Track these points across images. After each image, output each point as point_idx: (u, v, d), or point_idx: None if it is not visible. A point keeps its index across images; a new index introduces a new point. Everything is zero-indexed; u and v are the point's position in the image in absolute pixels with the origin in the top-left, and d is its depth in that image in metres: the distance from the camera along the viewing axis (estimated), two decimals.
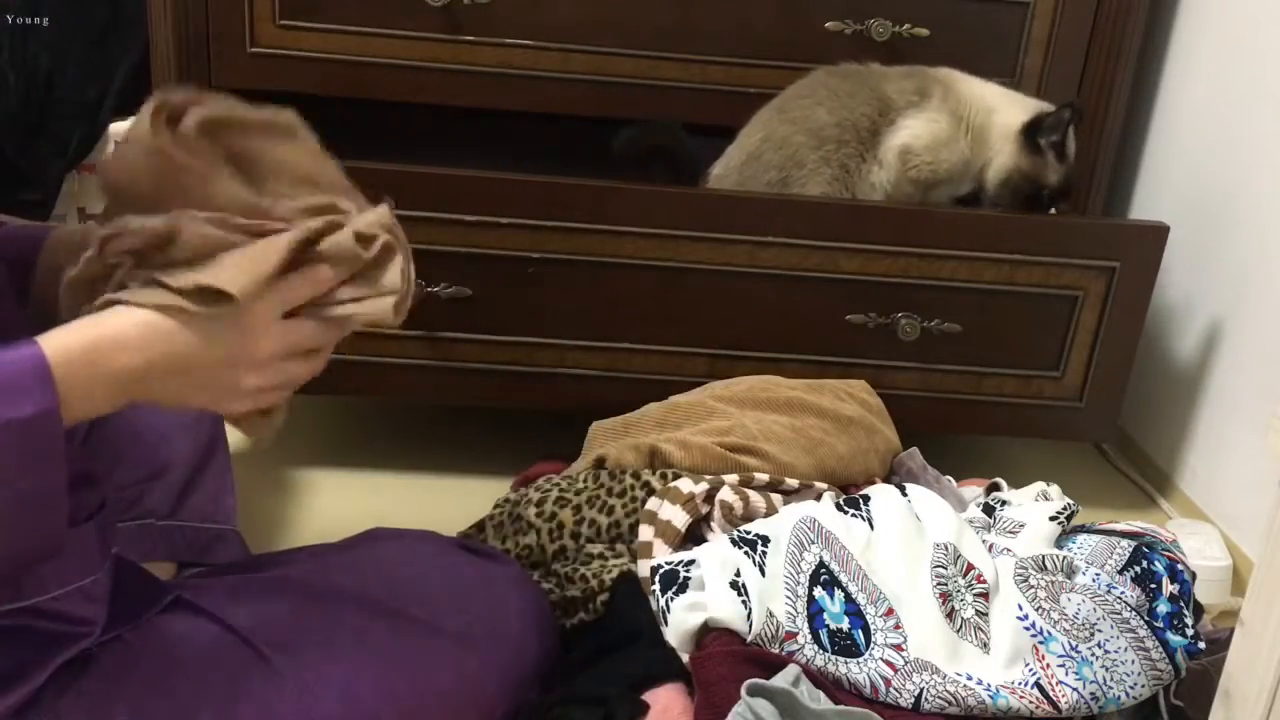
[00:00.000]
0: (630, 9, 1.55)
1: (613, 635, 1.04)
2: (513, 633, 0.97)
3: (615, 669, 0.99)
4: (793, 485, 1.20)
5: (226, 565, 1.12)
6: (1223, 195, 1.58)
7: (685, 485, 1.13)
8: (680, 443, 1.22)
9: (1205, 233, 1.60)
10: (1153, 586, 1.06)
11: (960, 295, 1.47)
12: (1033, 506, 1.18)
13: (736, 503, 1.13)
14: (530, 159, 1.53)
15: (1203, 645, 1.03)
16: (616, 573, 1.08)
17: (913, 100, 1.48)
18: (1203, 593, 1.22)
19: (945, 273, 1.46)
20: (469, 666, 0.92)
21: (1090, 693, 0.99)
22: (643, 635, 1.01)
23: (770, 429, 1.27)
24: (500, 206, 1.38)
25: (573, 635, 1.08)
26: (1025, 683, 0.99)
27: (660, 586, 1.02)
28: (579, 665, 1.03)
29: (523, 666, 0.97)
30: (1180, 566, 1.09)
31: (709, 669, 0.95)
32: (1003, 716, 0.98)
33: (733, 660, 0.95)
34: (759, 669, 0.94)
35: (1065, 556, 1.09)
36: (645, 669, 0.98)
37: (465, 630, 0.93)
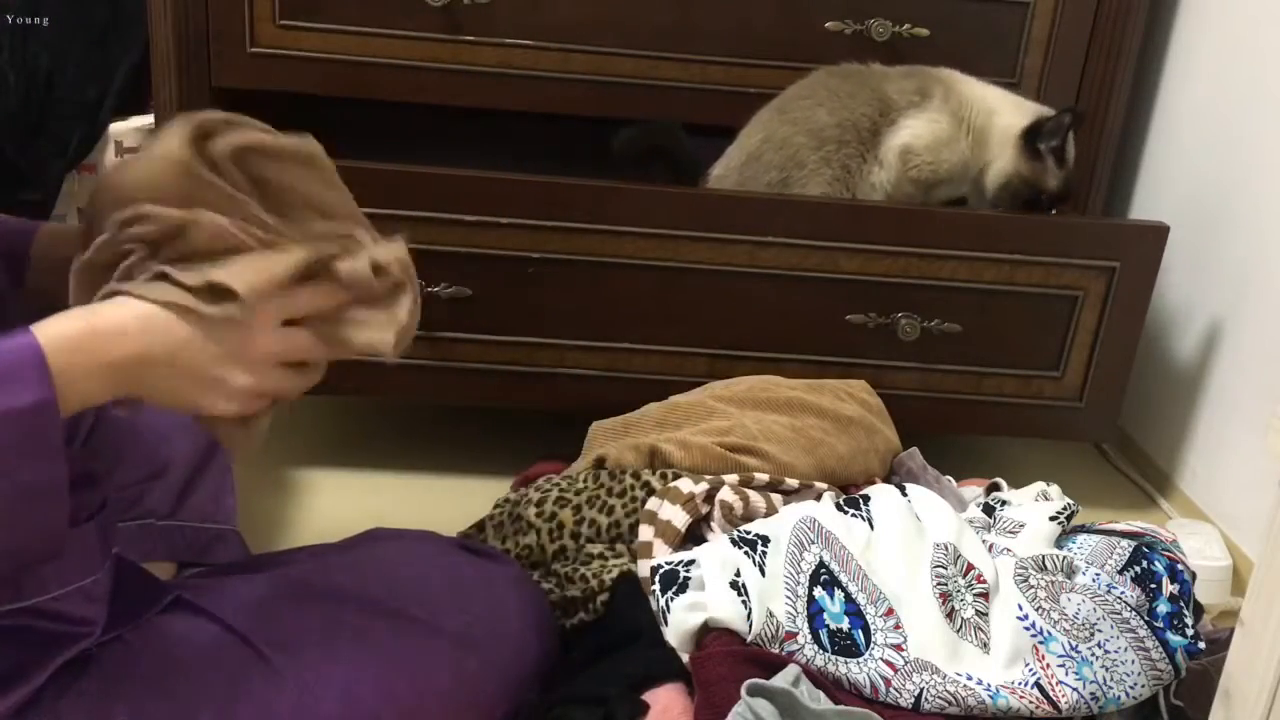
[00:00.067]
0: (630, 9, 1.55)
1: (613, 635, 1.04)
2: (513, 633, 0.97)
3: (615, 669, 0.99)
4: (793, 485, 1.20)
5: (227, 565, 1.12)
6: (1223, 195, 1.58)
7: (685, 485, 1.13)
8: (680, 443, 1.22)
9: (1205, 233, 1.60)
10: (1153, 586, 1.06)
11: (960, 295, 1.47)
12: (1033, 506, 1.18)
13: (736, 503, 1.13)
14: (530, 159, 1.53)
15: (1203, 645, 1.03)
16: (616, 573, 1.08)
17: (914, 100, 1.48)
18: (1203, 593, 1.21)
19: (945, 273, 1.46)
20: (469, 666, 0.92)
21: (1090, 693, 0.99)
22: (643, 635, 1.01)
23: (770, 429, 1.27)
24: (500, 206, 1.38)
25: (573, 635, 1.07)
26: (1025, 683, 0.99)
27: (660, 586, 1.02)
28: (579, 665, 1.03)
29: (523, 666, 0.97)
30: (1180, 566, 1.09)
31: (709, 669, 0.95)
32: (1003, 716, 0.98)
33: (733, 660, 0.95)
34: (759, 669, 0.94)
35: (1065, 556, 1.09)
36: (645, 669, 0.98)
37: (465, 630, 0.93)
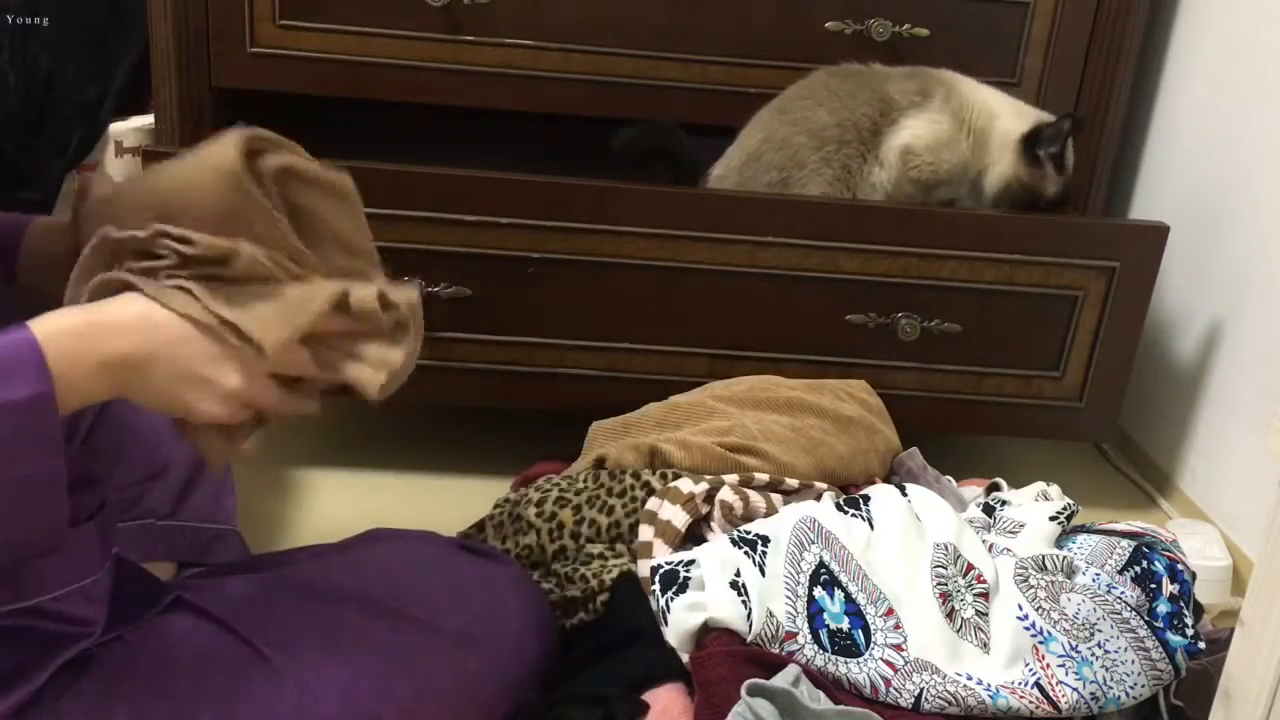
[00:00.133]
0: (630, 9, 1.55)
1: (613, 635, 1.04)
2: (513, 633, 0.97)
3: (615, 669, 0.99)
4: (793, 485, 1.20)
5: (227, 565, 1.12)
6: (1223, 195, 1.58)
7: (685, 485, 1.13)
8: (680, 443, 1.22)
9: (1205, 233, 1.60)
10: (1153, 586, 1.06)
11: (960, 295, 1.47)
12: (1033, 506, 1.18)
13: (736, 503, 1.13)
14: (530, 159, 1.53)
15: (1203, 645, 1.03)
16: (616, 573, 1.08)
17: (915, 100, 1.48)
18: (1203, 593, 1.21)
19: (945, 273, 1.46)
20: (469, 666, 0.92)
21: (1090, 693, 0.99)
22: (643, 635, 1.01)
23: (770, 429, 1.27)
24: (500, 206, 1.38)
25: (573, 635, 1.08)
26: (1025, 683, 0.99)
27: (660, 586, 1.02)
28: (579, 665, 1.03)
29: (523, 666, 0.97)
30: (1180, 566, 1.09)
31: (709, 669, 0.95)
32: (1003, 716, 0.98)
33: (733, 660, 0.95)
34: (759, 669, 0.94)
35: (1065, 556, 1.09)
36: (645, 669, 0.98)
37: (465, 630, 0.93)
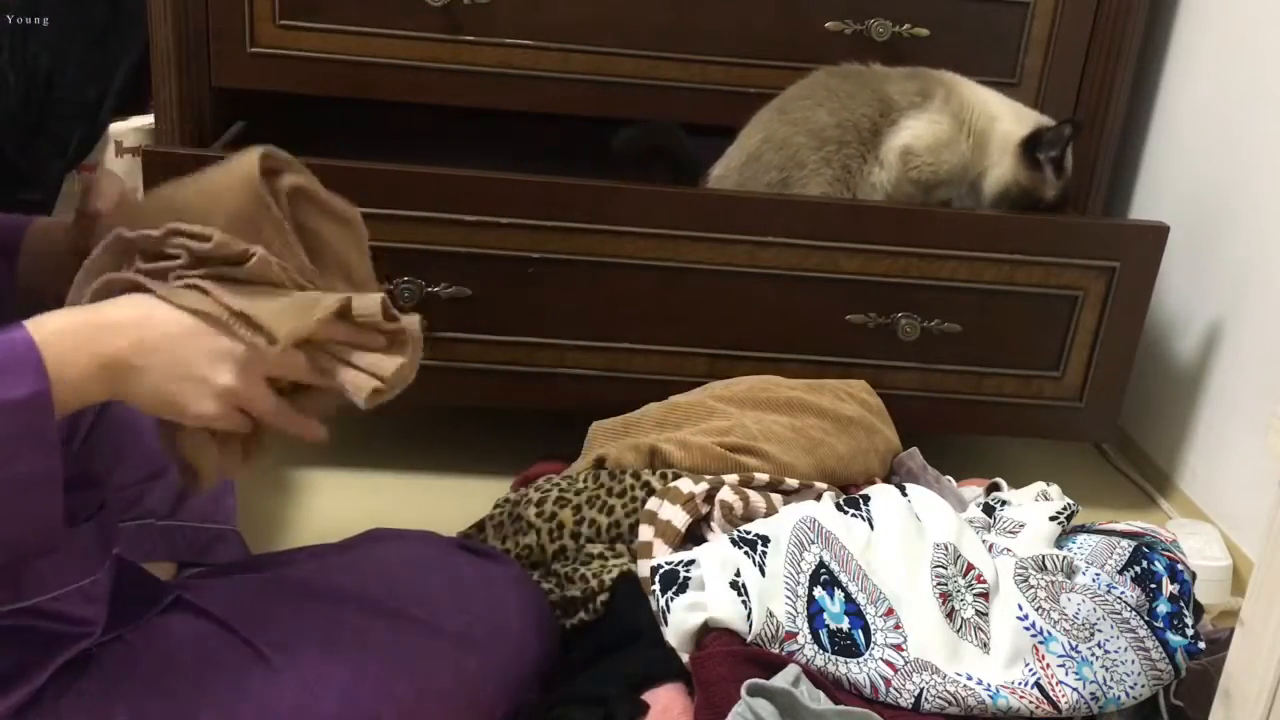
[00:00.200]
0: (630, 9, 1.55)
1: (613, 635, 1.04)
2: (513, 633, 0.97)
3: (615, 669, 0.99)
4: (793, 485, 1.20)
5: (226, 565, 1.12)
6: (1223, 195, 1.58)
7: (685, 485, 1.13)
8: (680, 443, 1.22)
9: (1205, 233, 1.60)
10: (1153, 586, 1.06)
11: (960, 295, 1.47)
12: (1033, 506, 1.18)
13: (736, 503, 1.13)
14: (530, 159, 1.53)
15: (1203, 645, 1.03)
16: (616, 573, 1.08)
17: (915, 101, 1.48)
18: (1203, 593, 1.21)
19: (945, 273, 1.46)
20: (469, 666, 0.92)
21: (1090, 693, 0.99)
22: (643, 635, 1.01)
23: (770, 429, 1.27)
24: (500, 206, 1.38)
25: (573, 635, 1.07)
26: (1025, 683, 0.99)
27: (660, 586, 1.02)
28: (579, 665, 1.03)
29: (523, 666, 0.97)
30: (1180, 566, 1.09)
31: (709, 669, 0.95)
32: (1003, 716, 0.98)
33: (733, 660, 0.95)
34: (759, 669, 0.94)
35: (1065, 556, 1.09)
36: (645, 669, 0.98)
37: (465, 630, 0.93)
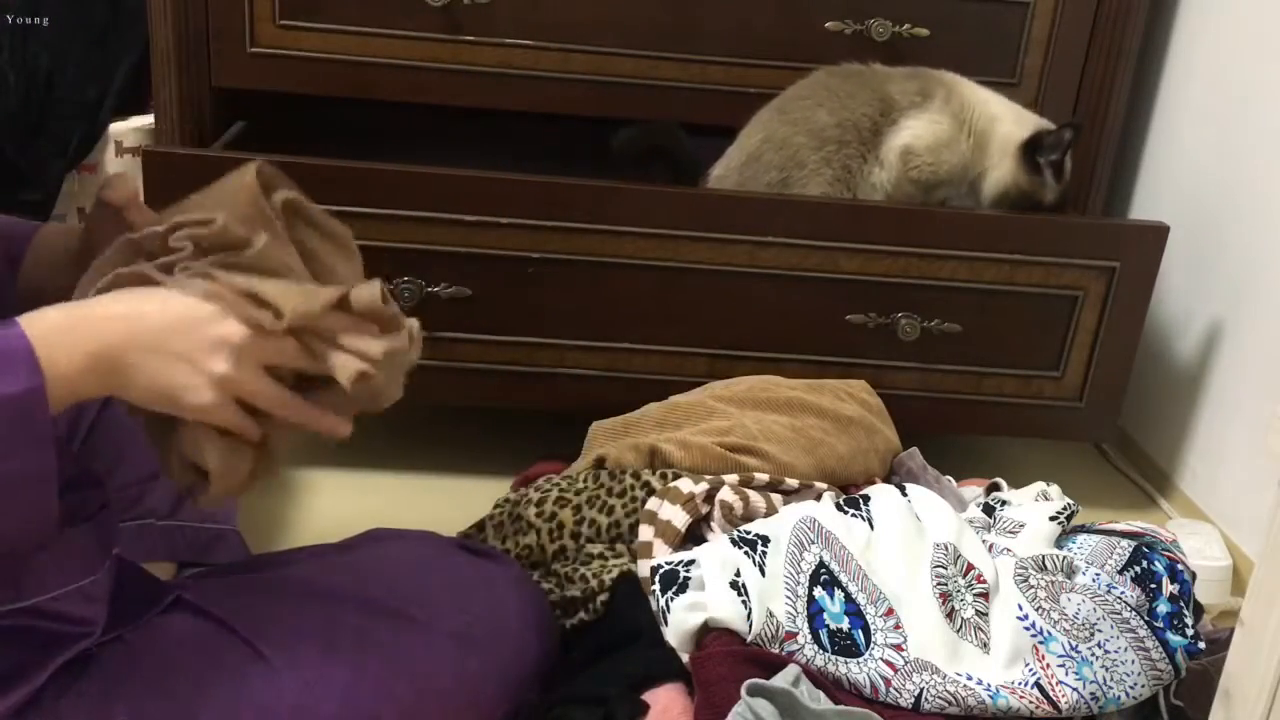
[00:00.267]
0: (630, 9, 1.55)
1: (613, 635, 1.04)
2: (513, 633, 0.97)
3: (615, 669, 0.99)
4: (793, 485, 1.20)
5: (227, 565, 1.12)
6: (1223, 195, 1.58)
7: (685, 485, 1.13)
8: (680, 443, 1.22)
9: (1205, 233, 1.60)
10: (1153, 586, 1.06)
11: (960, 295, 1.47)
12: (1033, 506, 1.18)
13: (736, 503, 1.13)
14: (530, 159, 1.53)
15: (1203, 645, 1.03)
16: (616, 573, 1.08)
17: (915, 101, 1.48)
18: (1203, 593, 1.22)
19: (945, 273, 1.46)
20: (469, 666, 0.92)
21: (1090, 693, 0.99)
22: (643, 635, 1.01)
23: (770, 429, 1.27)
24: (500, 206, 1.38)
25: (573, 635, 1.07)
26: (1025, 683, 0.99)
27: (660, 586, 1.02)
28: (579, 665, 1.03)
29: (523, 666, 0.97)
30: (1180, 566, 1.09)
31: (709, 669, 0.95)
32: (1003, 716, 0.98)
33: (733, 660, 0.95)
34: (759, 669, 0.94)
35: (1065, 556, 1.09)
36: (645, 669, 0.98)
37: (465, 630, 0.93)
